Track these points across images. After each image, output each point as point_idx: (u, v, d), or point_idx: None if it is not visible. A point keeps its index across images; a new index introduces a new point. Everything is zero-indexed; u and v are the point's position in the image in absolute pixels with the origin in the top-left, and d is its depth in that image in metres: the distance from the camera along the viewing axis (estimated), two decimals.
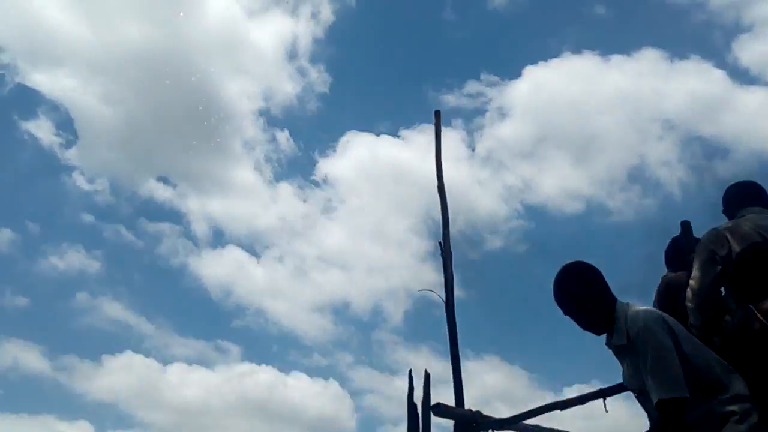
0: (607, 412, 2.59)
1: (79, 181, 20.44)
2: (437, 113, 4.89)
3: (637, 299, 3.93)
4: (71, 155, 20.87)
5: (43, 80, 24.07)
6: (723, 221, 3.43)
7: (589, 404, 3.83)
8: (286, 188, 22.37)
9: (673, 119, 19.56)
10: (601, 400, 3.65)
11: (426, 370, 4.00)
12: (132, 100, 20.94)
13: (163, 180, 20.78)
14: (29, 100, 21.16)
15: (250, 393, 19.32)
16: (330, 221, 22.11)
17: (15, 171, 21.30)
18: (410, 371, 4.10)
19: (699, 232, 3.50)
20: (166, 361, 20.61)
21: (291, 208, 21.79)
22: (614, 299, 2.57)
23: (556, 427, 4.31)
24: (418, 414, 3.90)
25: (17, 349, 18.96)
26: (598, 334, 2.62)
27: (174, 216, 22.64)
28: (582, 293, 2.54)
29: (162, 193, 21.18)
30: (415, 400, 3.95)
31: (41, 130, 20.68)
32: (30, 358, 18.55)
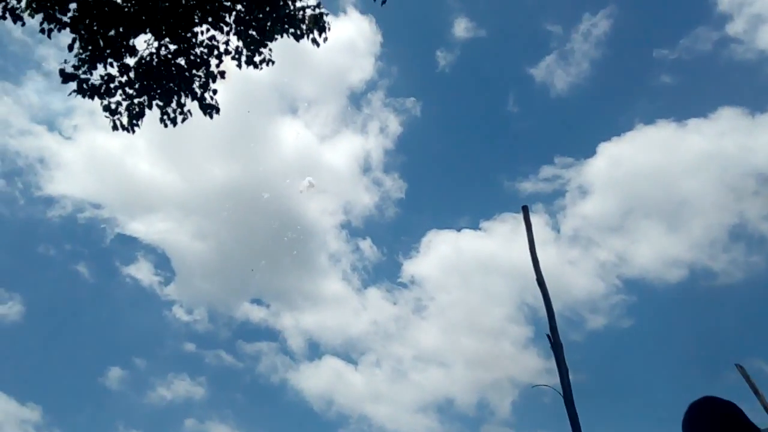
0: None
1: (179, 313, 21.73)
2: (525, 208, 4.97)
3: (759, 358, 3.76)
4: (170, 290, 22.36)
5: (139, 228, 26.34)
6: None
7: None
8: (374, 293, 22.77)
9: (765, 171, 18.55)
10: None
11: None
12: (221, 233, 22.46)
13: (257, 302, 21.79)
14: (129, 246, 23.06)
15: None
16: (422, 320, 22.18)
17: (120, 311, 23.00)
18: None
19: None
20: None
21: (382, 312, 22.09)
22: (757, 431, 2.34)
23: None
24: None
25: None
26: None
27: (270, 334, 23.53)
28: None
29: (257, 314, 22.13)
30: None
31: (141, 271, 22.37)
32: None
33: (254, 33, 7.19)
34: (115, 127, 7.06)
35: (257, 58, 7.34)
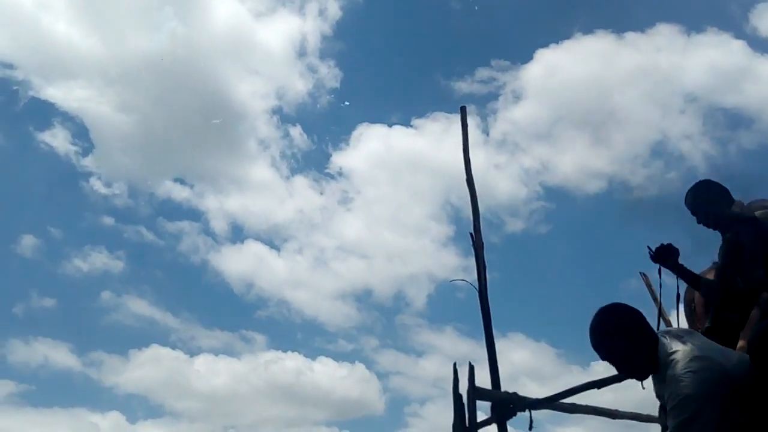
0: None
1: (97, 185, 20.99)
2: (463, 108, 5.03)
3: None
4: (88, 162, 21.43)
5: (56, 94, 24.70)
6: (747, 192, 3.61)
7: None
8: (301, 182, 22.62)
9: (695, 92, 19.09)
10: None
11: (470, 363, 4.23)
12: (145, 106, 21.32)
13: (180, 181, 21.22)
14: (44, 113, 21.68)
15: (277, 379, 20.03)
16: (348, 212, 22.39)
17: (34, 179, 22.00)
18: (455, 364, 4.31)
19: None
20: (192, 352, 21.47)
21: (308, 202, 22.10)
22: (656, 339, 2.42)
23: (588, 402, 4.54)
24: (464, 404, 4.13)
25: (47, 348, 19.75)
26: (641, 380, 2.53)
27: (193, 214, 23.12)
28: (624, 344, 2.40)
29: (179, 193, 21.65)
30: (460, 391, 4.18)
31: (57, 139, 21.22)
32: (59, 355, 19.30)
33: None
34: None
35: None
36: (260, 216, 23.14)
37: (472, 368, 4.18)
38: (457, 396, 4.13)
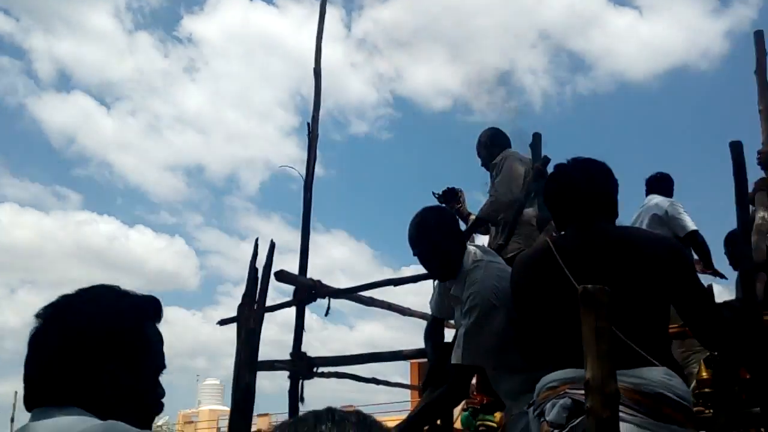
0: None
1: None
2: None
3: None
4: None
5: None
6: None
7: (421, 283, 4.29)
8: (146, 40, 20.64)
9: (548, 29, 20.13)
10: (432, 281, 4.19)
11: (272, 240, 4.32)
12: None
13: (4, 11, 18.34)
14: None
15: (89, 241, 19.05)
16: (192, 82, 21.03)
17: None
18: (257, 239, 4.38)
19: (548, 141, 4.14)
20: None
21: (150, 62, 20.32)
22: (465, 246, 2.59)
23: (389, 300, 4.91)
24: (258, 278, 4.23)
25: None
26: (444, 280, 2.68)
27: (14, 51, 20.26)
28: (442, 240, 2.52)
29: (1, 25, 18.75)
30: (258, 266, 4.28)
31: None
32: None
33: None
34: None
35: None
36: (93, 67, 20.93)
37: (272, 246, 4.29)
38: (252, 269, 4.22)
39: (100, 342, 1.17)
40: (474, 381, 3.27)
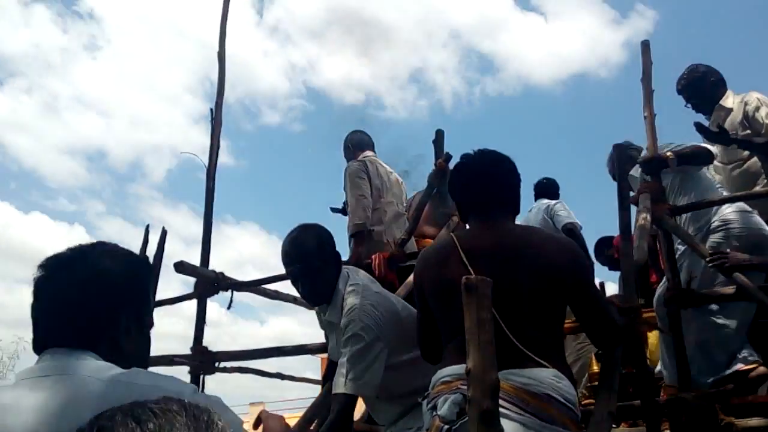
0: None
1: None
2: None
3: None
4: None
5: None
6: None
7: None
8: (42, 13, 19.37)
9: (459, 29, 20.64)
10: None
11: (164, 228, 4.17)
12: None
13: None
14: None
15: None
16: (93, 61, 19.96)
17: None
18: (147, 226, 4.22)
19: (457, 139, 4.23)
20: None
21: (47, 37, 19.04)
22: (340, 269, 2.49)
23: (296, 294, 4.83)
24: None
25: None
26: (316, 304, 2.57)
27: None
28: (318, 261, 2.42)
29: None
30: (149, 255, 4.09)
31: None
32: None
33: None
34: None
35: None
36: None
37: (164, 233, 4.14)
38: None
39: (118, 290, 1.22)
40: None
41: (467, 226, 2.24)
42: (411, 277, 2.62)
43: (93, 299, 1.19)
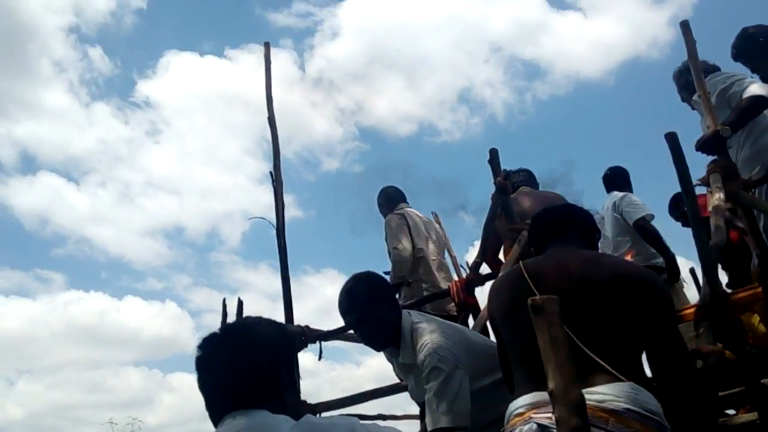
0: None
1: None
2: (267, 44, 4.95)
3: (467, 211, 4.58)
4: None
5: None
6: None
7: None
8: (103, 110, 20.67)
9: (498, 42, 20.53)
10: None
11: (239, 298, 4.37)
12: None
13: None
14: None
15: (79, 320, 18.83)
16: (156, 145, 21.05)
17: None
18: (224, 299, 4.42)
19: (517, 149, 4.26)
20: None
21: (111, 132, 20.28)
22: (401, 312, 2.48)
23: None
24: None
25: None
26: (380, 350, 2.57)
27: None
28: (375, 307, 2.43)
29: None
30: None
31: None
32: None
33: None
34: None
35: None
36: (56, 145, 20.81)
37: (240, 303, 4.31)
38: None
39: (275, 351, 1.39)
40: None
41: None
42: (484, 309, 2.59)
43: (258, 362, 1.36)
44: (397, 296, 4.10)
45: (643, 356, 1.88)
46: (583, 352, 1.69)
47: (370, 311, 2.44)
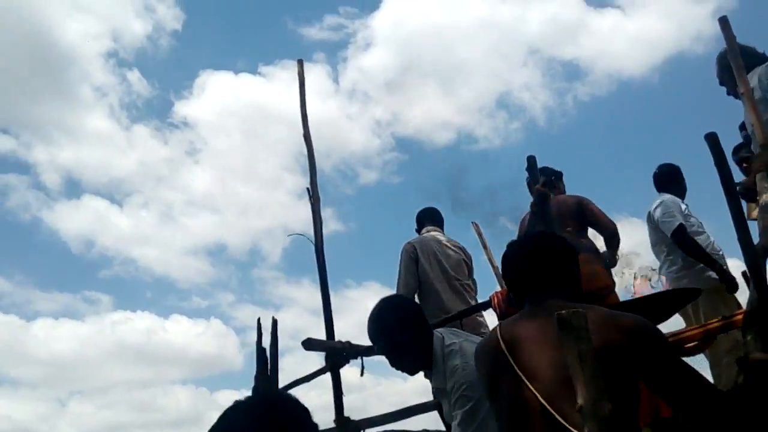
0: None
1: None
2: (300, 62, 5.01)
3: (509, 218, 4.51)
4: None
5: None
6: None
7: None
8: (143, 132, 21.29)
9: (535, 44, 20.22)
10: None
11: (273, 317, 4.42)
12: None
13: (3, 131, 19.12)
14: None
15: (127, 340, 19.32)
16: (195, 164, 21.51)
17: None
18: (258, 319, 4.45)
19: (559, 153, 4.18)
20: (29, 317, 20.14)
21: (151, 153, 20.84)
22: (432, 334, 2.43)
23: None
24: (266, 357, 4.27)
25: None
26: (413, 374, 2.52)
27: (20, 167, 20.99)
28: (404, 332, 2.38)
29: (3, 144, 19.55)
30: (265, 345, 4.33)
31: None
32: None
33: None
34: None
35: None
36: (98, 169, 21.51)
37: (275, 322, 4.32)
38: (260, 349, 4.25)
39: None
40: None
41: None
42: None
43: None
44: None
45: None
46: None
47: (399, 338, 2.38)
